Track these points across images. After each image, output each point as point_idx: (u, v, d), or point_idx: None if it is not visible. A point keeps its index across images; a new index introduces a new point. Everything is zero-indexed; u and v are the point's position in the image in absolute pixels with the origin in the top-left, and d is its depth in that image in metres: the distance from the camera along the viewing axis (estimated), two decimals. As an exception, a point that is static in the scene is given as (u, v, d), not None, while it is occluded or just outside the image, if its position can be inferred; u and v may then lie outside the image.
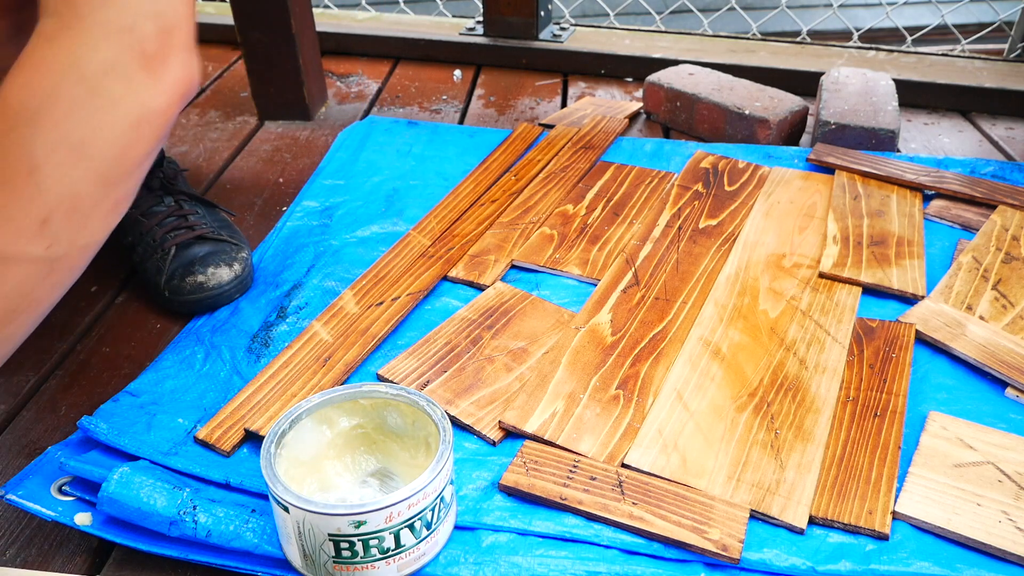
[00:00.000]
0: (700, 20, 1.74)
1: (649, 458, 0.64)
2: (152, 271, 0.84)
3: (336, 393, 0.60)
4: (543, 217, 0.97)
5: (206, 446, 0.66)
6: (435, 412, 0.58)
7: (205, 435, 0.66)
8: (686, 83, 1.26)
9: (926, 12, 2.07)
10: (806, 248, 0.91)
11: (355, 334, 0.77)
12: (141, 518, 0.58)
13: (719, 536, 0.58)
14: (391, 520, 0.52)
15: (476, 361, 0.75)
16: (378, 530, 0.52)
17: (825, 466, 0.64)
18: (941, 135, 1.28)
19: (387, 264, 0.87)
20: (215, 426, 0.67)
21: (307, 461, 0.60)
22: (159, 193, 0.89)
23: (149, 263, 0.84)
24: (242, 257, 0.84)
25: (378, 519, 0.52)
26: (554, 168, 1.07)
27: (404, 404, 0.60)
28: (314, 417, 0.60)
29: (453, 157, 1.13)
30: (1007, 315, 0.80)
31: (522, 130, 1.17)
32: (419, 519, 0.54)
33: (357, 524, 0.52)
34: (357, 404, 0.61)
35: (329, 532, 0.52)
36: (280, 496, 0.52)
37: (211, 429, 0.66)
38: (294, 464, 0.59)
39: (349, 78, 1.48)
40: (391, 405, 0.61)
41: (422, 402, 0.59)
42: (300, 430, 0.59)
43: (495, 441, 0.67)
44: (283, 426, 0.57)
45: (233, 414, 0.68)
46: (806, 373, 0.73)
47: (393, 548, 0.54)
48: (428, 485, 0.53)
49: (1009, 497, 0.61)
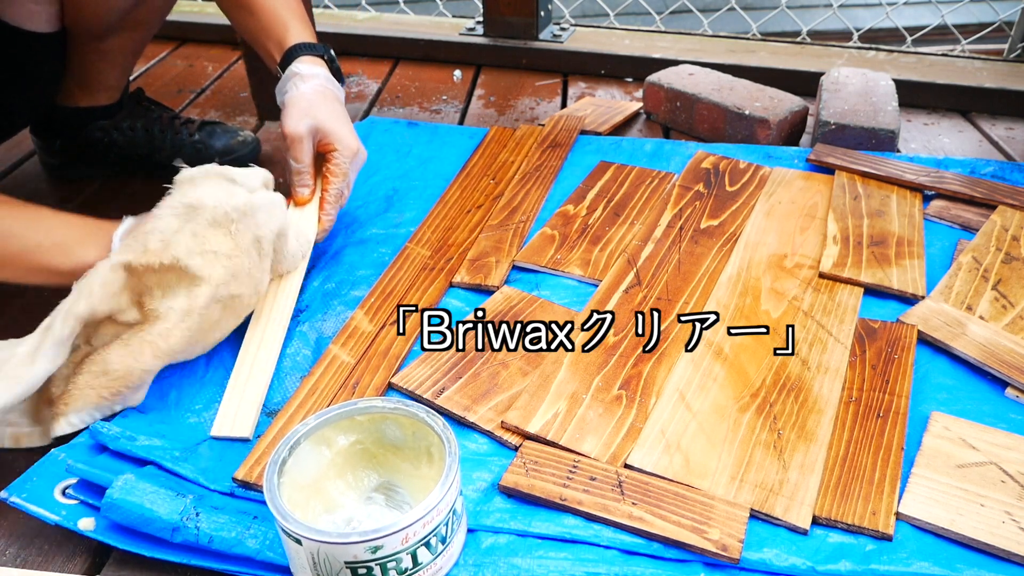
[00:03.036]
0: (700, 20, 1.74)
1: (652, 459, 0.64)
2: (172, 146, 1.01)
3: (332, 413, 0.59)
4: (531, 215, 0.97)
5: (247, 486, 0.63)
6: (436, 423, 0.57)
7: (244, 475, 0.63)
8: (686, 83, 1.26)
9: (926, 12, 2.07)
10: (807, 248, 0.91)
11: (377, 356, 0.75)
12: (144, 523, 0.58)
13: (719, 536, 0.58)
14: (407, 541, 0.52)
15: (490, 366, 0.74)
16: (395, 552, 0.52)
17: (828, 467, 0.64)
18: (941, 135, 1.28)
19: (392, 279, 0.86)
20: (252, 464, 0.64)
21: (308, 484, 0.59)
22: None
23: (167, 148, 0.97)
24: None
25: (394, 542, 0.51)
26: (527, 168, 1.08)
27: (402, 416, 0.59)
28: (312, 439, 0.59)
29: (453, 158, 1.13)
30: (1007, 315, 0.80)
31: (495, 133, 1.17)
32: (434, 535, 0.53)
33: (374, 550, 0.51)
34: (353, 421, 0.60)
35: (346, 560, 0.51)
36: (291, 530, 0.51)
37: (249, 468, 0.63)
38: (296, 489, 0.58)
39: (349, 78, 1.48)
40: (388, 419, 0.60)
41: (422, 414, 0.58)
42: (299, 454, 0.58)
43: (516, 447, 0.67)
44: (282, 454, 0.56)
45: (268, 450, 0.65)
46: (808, 374, 0.73)
47: (411, 567, 0.53)
48: (441, 501, 0.52)
49: (1012, 497, 0.61)
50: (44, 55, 0.88)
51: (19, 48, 0.83)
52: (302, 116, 0.84)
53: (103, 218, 0.73)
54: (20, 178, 1.13)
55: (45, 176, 1.13)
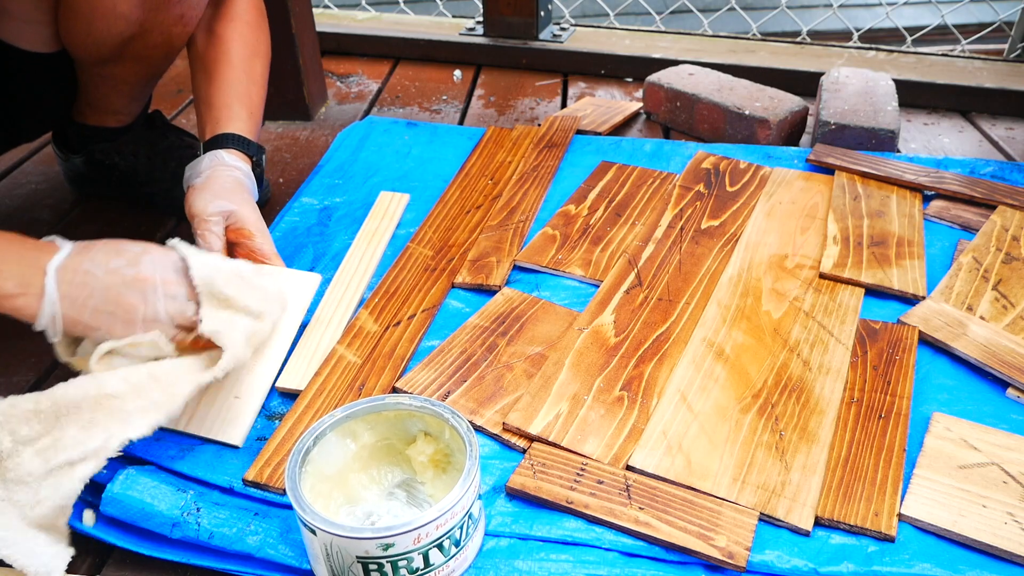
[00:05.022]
0: (700, 20, 1.74)
1: (654, 460, 0.64)
2: (173, 178, 0.93)
3: (360, 406, 0.59)
4: (529, 215, 0.97)
5: (257, 486, 0.63)
6: (461, 425, 0.57)
7: (254, 476, 0.63)
8: (686, 83, 1.26)
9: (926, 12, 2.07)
10: (808, 249, 0.91)
11: (382, 357, 0.75)
12: (144, 519, 0.58)
13: (725, 543, 0.58)
14: (419, 541, 0.52)
15: (495, 369, 0.74)
16: (407, 551, 0.52)
17: (830, 468, 0.64)
18: (941, 135, 1.28)
19: (395, 279, 0.86)
20: (263, 465, 0.64)
21: (332, 475, 0.60)
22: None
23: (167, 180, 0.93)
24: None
25: (406, 541, 0.51)
26: (525, 169, 1.08)
27: (429, 416, 0.60)
28: (338, 431, 0.59)
29: (452, 158, 1.12)
30: (1007, 315, 0.80)
31: (492, 133, 1.17)
32: (448, 538, 0.53)
33: (386, 547, 0.51)
34: (380, 416, 0.61)
35: (357, 555, 0.51)
36: (307, 520, 0.51)
37: (259, 469, 0.63)
38: (320, 479, 0.58)
39: (349, 78, 1.48)
40: (415, 416, 0.60)
41: (446, 414, 0.58)
42: (325, 445, 0.58)
43: (522, 449, 0.67)
44: (307, 443, 0.56)
45: (278, 450, 0.65)
46: (810, 374, 0.73)
47: (423, 567, 0.53)
48: (456, 504, 0.52)
49: (1014, 498, 0.61)
50: (42, 75, 0.87)
51: (14, 66, 0.83)
52: (214, 198, 0.77)
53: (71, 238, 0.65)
54: (20, 178, 1.13)
55: (45, 177, 1.12)
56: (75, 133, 1.00)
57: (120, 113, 0.99)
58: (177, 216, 0.90)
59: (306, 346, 0.77)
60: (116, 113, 0.99)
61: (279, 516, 0.60)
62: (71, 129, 1.00)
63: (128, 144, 1.01)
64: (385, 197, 1.01)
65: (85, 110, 0.97)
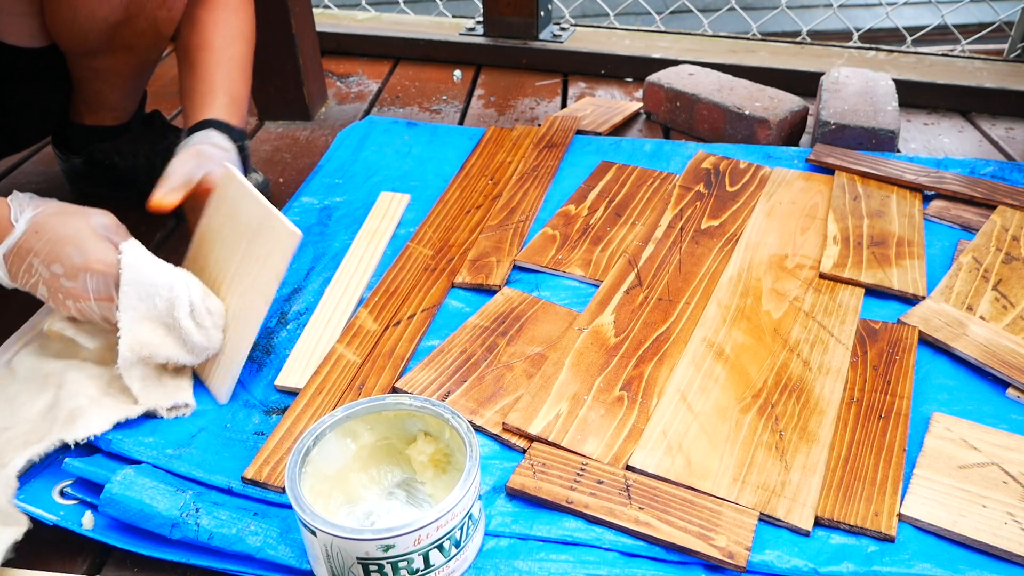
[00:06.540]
0: (700, 20, 1.74)
1: (654, 460, 0.64)
2: None
3: (360, 406, 0.59)
4: (529, 215, 0.97)
5: (256, 484, 0.63)
6: (461, 425, 0.57)
7: (253, 474, 0.63)
8: (686, 83, 1.26)
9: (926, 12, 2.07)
10: (808, 249, 0.91)
11: (382, 357, 0.75)
12: (143, 519, 0.58)
13: (725, 543, 0.58)
14: (419, 542, 0.52)
15: (495, 369, 0.74)
16: (407, 553, 0.52)
17: (830, 467, 0.64)
18: (941, 135, 1.28)
19: (395, 278, 0.86)
20: (261, 463, 0.64)
21: (332, 475, 0.60)
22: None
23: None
24: None
25: (407, 542, 0.51)
26: (524, 169, 1.08)
27: (429, 416, 0.60)
28: (338, 431, 0.59)
29: (452, 158, 1.12)
30: (1008, 315, 0.80)
31: (492, 133, 1.17)
32: (448, 539, 0.53)
33: (385, 548, 0.51)
34: (380, 416, 0.60)
35: (357, 556, 0.51)
36: (308, 521, 0.51)
37: (258, 467, 0.63)
38: (320, 479, 0.58)
39: (349, 78, 1.48)
40: (415, 416, 0.60)
41: (446, 414, 0.58)
42: (325, 444, 0.58)
43: (523, 449, 0.67)
44: (307, 443, 0.56)
45: (276, 448, 0.65)
46: (810, 374, 0.73)
47: (423, 568, 0.53)
48: (456, 505, 0.52)
49: (1014, 498, 0.61)
50: (33, 72, 0.87)
51: (4, 63, 0.82)
52: (193, 158, 0.77)
53: None
54: (20, 178, 1.13)
55: (45, 177, 1.12)
56: (74, 134, 1.00)
57: (116, 109, 0.99)
58: (177, 216, 0.90)
59: (305, 344, 0.77)
60: (112, 109, 0.99)
61: (279, 516, 0.60)
62: (70, 130, 1.00)
63: (128, 144, 1.01)
64: (385, 197, 1.01)
65: (82, 109, 0.98)
